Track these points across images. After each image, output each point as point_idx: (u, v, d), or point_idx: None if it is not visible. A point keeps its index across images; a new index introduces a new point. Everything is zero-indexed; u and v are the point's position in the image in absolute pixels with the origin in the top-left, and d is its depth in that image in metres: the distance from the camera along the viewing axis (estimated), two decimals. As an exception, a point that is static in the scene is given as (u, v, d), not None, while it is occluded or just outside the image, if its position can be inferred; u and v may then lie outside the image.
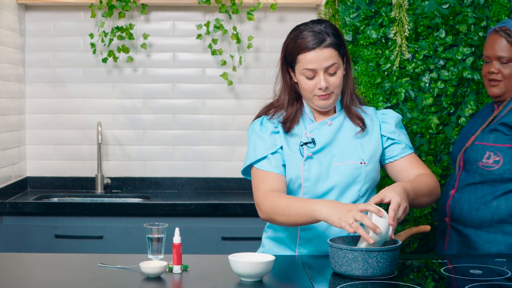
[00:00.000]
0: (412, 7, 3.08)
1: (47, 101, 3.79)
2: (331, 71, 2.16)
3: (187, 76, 3.80)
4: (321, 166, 2.20)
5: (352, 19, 3.09)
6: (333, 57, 2.15)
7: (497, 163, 2.51)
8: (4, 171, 3.46)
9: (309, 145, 2.21)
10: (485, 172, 2.52)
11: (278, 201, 2.11)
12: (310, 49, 2.14)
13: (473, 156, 2.55)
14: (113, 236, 3.30)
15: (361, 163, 2.20)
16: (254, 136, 2.26)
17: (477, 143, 2.56)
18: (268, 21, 3.76)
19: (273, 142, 2.23)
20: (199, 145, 3.80)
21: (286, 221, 2.11)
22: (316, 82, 2.16)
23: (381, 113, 2.30)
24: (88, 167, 3.80)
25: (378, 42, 3.10)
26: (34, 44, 3.78)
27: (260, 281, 1.91)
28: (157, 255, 2.06)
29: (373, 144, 2.24)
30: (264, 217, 2.17)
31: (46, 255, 2.40)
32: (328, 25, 2.18)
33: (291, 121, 2.24)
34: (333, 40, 2.15)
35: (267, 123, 2.26)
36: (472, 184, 2.55)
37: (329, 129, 2.24)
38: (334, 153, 2.21)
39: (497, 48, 2.55)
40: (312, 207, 2.03)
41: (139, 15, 3.75)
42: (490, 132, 2.55)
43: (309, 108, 2.27)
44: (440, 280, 1.95)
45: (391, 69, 3.10)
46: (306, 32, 2.16)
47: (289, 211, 2.08)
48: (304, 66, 2.16)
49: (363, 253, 1.90)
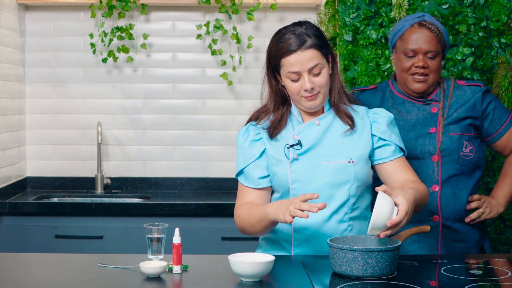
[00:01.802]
0: (412, 7, 3.08)
1: (47, 101, 3.79)
2: (315, 71, 2.17)
3: (187, 76, 3.80)
4: (308, 167, 2.20)
5: (352, 19, 3.09)
6: (316, 57, 2.16)
7: (471, 151, 2.53)
8: (4, 171, 3.46)
9: (295, 147, 2.22)
10: (465, 162, 2.53)
11: (245, 215, 2.22)
12: (292, 52, 2.15)
13: (453, 147, 2.52)
14: (113, 236, 3.30)
15: (349, 162, 2.20)
16: (237, 146, 2.33)
17: (452, 134, 2.53)
18: (268, 21, 3.76)
19: (251, 151, 2.27)
20: (199, 145, 3.80)
21: (254, 231, 2.21)
22: (301, 84, 2.18)
23: (373, 113, 2.29)
24: (88, 167, 3.80)
25: (378, 42, 3.10)
26: (34, 44, 3.78)
27: (260, 281, 1.91)
28: (157, 255, 2.07)
29: (362, 143, 2.24)
30: (239, 228, 2.28)
31: (46, 255, 2.40)
32: (309, 26, 2.20)
33: (276, 126, 2.25)
34: (314, 41, 2.16)
35: (250, 131, 2.29)
36: (453, 176, 2.54)
37: (317, 129, 2.24)
38: (322, 153, 2.22)
39: (425, 41, 2.49)
40: (264, 211, 2.12)
41: (139, 15, 3.76)
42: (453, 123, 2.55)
43: (297, 110, 2.28)
44: (440, 280, 1.95)
45: (391, 69, 3.10)
46: (287, 35, 2.17)
47: (252, 222, 2.18)
48: (288, 69, 2.17)
49: (363, 253, 1.90)
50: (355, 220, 2.23)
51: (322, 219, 2.20)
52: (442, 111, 2.55)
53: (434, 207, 2.53)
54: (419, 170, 2.50)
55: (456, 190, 2.54)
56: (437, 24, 2.53)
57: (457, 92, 2.59)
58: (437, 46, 2.50)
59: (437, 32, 2.50)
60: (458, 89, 2.59)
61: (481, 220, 2.59)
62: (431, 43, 2.49)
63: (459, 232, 2.56)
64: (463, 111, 2.56)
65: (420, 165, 2.53)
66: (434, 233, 2.53)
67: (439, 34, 2.50)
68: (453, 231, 2.55)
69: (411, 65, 2.51)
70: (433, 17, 2.56)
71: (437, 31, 2.50)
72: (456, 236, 2.56)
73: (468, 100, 2.57)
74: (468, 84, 2.60)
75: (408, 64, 2.52)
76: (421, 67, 2.49)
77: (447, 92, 2.58)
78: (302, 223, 2.20)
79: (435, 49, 2.50)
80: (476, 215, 2.56)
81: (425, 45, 2.49)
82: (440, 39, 2.50)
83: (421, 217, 2.50)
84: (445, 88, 2.59)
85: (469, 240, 2.57)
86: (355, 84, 3.09)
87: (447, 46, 2.55)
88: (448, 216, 2.54)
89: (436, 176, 2.53)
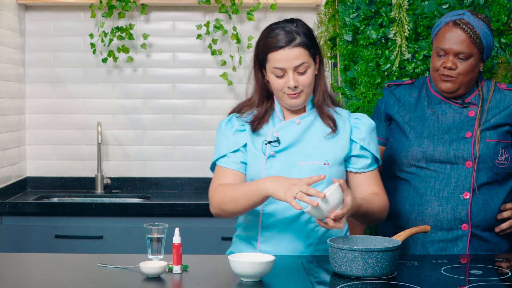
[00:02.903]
0: (412, 7, 3.08)
1: (47, 101, 3.79)
2: (300, 70, 2.17)
3: (187, 76, 3.80)
4: (283, 165, 2.21)
5: (352, 19, 3.09)
6: (303, 56, 2.16)
7: (507, 160, 2.44)
8: (4, 171, 3.46)
9: (273, 144, 2.22)
10: (500, 170, 2.43)
11: (226, 190, 2.16)
12: (279, 48, 2.16)
13: (489, 154, 2.42)
14: (113, 236, 3.30)
15: (325, 164, 2.20)
16: (220, 134, 2.29)
17: (489, 140, 2.43)
18: (268, 21, 3.76)
19: (236, 140, 2.25)
20: (199, 145, 3.80)
21: (235, 207, 2.14)
22: (285, 81, 2.18)
23: (355, 117, 2.29)
24: (88, 167, 3.80)
25: (378, 42, 3.10)
26: (34, 44, 3.78)
27: (260, 281, 1.91)
28: (157, 255, 2.07)
29: (340, 146, 2.24)
30: (214, 210, 2.22)
31: (46, 255, 2.40)
32: (300, 25, 2.20)
33: (259, 121, 2.26)
34: (303, 40, 2.17)
35: (234, 121, 2.28)
36: (486, 184, 2.43)
37: (297, 127, 2.24)
38: (299, 153, 2.22)
39: (457, 42, 2.39)
40: (258, 185, 2.08)
41: (139, 15, 3.76)
42: (490, 129, 2.47)
43: (280, 107, 2.28)
44: (440, 280, 1.95)
45: (391, 69, 3.10)
46: (277, 31, 2.18)
47: (236, 196, 2.13)
48: (274, 65, 2.18)
49: (363, 253, 1.90)
50: None
51: (290, 219, 2.21)
52: (480, 115, 2.44)
53: (465, 215, 2.40)
54: (450, 175, 2.41)
55: (488, 198, 2.42)
56: (475, 24, 2.40)
57: (497, 96, 2.48)
58: (470, 48, 2.38)
59: (471, 33, 2.38)
60: (499, 93, 2.49)
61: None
62: (463, 44, 2.38)
63: (488, 241, 2.44)
64: (502, 117, 2.45)
65: (452, 170, 2.42)
66: (463, 242, 2.41)
67: (473, 35, 2.38)
68: (482, 240, 2.43)
69: (441, 65, 2.42)
70: (476, 16, 2.43)
71: (471, 32, 2.38)
72: (485, 246, 2.44)
73: (509, 106, 2.46)
74: (509, 89, 2.50)
75: (438, 63, 2.43)
76: (449, 68, 2.40)
77: (486, 96, 2.48)
78: (271, 221, 2.20)
79: (467, 51, 2.38)
80: (508, 225, 2.44)
81: (456, 46, 2.38)
82: (475, 40, 2.38)
83: (450, 225, 2.40)
84: (484, 92, 2.49)
85: (498, 250, 2.46)
86: (355, 84, 3.09)
87: (486, 48, 2.42)
88: (478, 224, 2.41)
89: (468, 183, 2.41)
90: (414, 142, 2.46)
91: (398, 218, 2.47)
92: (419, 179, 2.45)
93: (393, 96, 2.58)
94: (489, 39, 2.43)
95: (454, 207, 2.39)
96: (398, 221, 2.47)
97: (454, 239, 2.40)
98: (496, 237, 2.46)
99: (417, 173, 2.45)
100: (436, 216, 2.40)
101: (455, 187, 2.40)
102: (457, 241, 2.41)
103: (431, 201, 2.41)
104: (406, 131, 2.49)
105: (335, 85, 3.10)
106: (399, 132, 2.52)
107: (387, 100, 2.59)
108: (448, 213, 2.39)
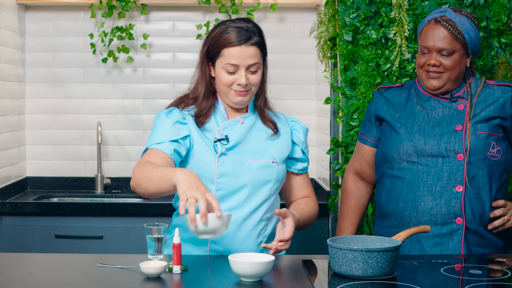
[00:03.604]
0: (412, 7, 3.08)
1: (47, 101, 3.79)
2: (252, 69, 2.21)
3: (187, 76, 3.76)
4: (234, 163, 2.23)
5: (352, 19, 3.09)
6: (257, 56, 2.21)
7: (499, 152, 2.45)
8: (4, 171, 3.46)
9: (222, 142, 2.24)
10: (492, 163, 2.43)
11: (148, 166, 2.08)
12: (236, 44, 2.19)
13: (480, 146, 2.42)
14: (113, 236, 3.30)
15: (273, 162, 2.27)
16: (159, 122, 2.23)
17: (480, 132, 2.43)
18: (268, 21, 3.76)
19: (175, 131, 2.20)
20: (199, 145, 3.80)
21: (148, 186, 2.06)
22: (235, 78, 2.21)
23: (291, 120, 2.40)
24: (88, 167, 3.80)
25: (378, 42, 3.10)
26: (34, 44, 3.78)
27: (260, 281, 1.91)
28: (157, 255, 2.07)
29: (284, 145, 2.33)
30: (132, 183, 2.13)
31: (46, 255, 2.40)
32: (254, 25, 2.25)
33: (204, 115, 2.26)
34: (258, 40, 2.22)
35: (176, 113, 2.24)
36: (478, 177, 2.42)
37: (241, 127, 2.28)
38: (247, 151, 2.25)
39: (438, 39, 2.43)
40: (174, 171, 1.98)
41: (139, 15, 3.76)
42: (481, 122, 2.47)
43: (223, 105, 2.30)
44: (440, 280, 1.95)
45: (391, 69, 3.10)
46: (235, 28, 2.21)
47: (152, 175, 2.04)
48: (228, 60, 2.20)
49: (363, 253, 1.90)
50: (270, 220, 2.28)
51: (242, 218, 2.22)
52: (469, 108, 2.46)
53: (458, 208, 2.38)
54: (442, 169, 2.41)
55: (480, 192, 2.41)
56: (457, 20, 2.44)
57: (486, 91, 2.51)
58: (452, 44, 2.42)
59: (452, 30, 2.42)
60: (488, 88, 2.51)
61: (505, 228, 2.47)
62: (444, 41, 2.42)
63: (483, 236, 2.43)
64: (492, 110, 2.47)
65: (444, 163, 2.41)
66: (458, 236, 2.39)
67: (455, 32, 2.42)
68: (476, 235, 2.42)
69: (425, 62, 2.46)
70: (459, 12, 2.47)
71: (452, 29, 2.42)
72: (480, 241, 2.42)
73: (498, 99, 2.48)
74: (498, 84, 2.52)
75: (422, 60, 2.47)
76: (432, 65, 2.44)
77: (474, 91, 2.50)
78: None
79: (450, 47, 2.42)
80: (500, 222, 2.42)
81: (438, 43, 2.43)
82: (457, 36, 2.42)
83: (444, 219, 2.38)
84: (473, 87, 2.51)
85: (493, 246, 2.45)
86: (355, 84, 3.08)
87: (470, 43, 2.45)
88: (471, 218, 2.40)
89: (461, 176, 2.40)
90: (405, 137, 2.47)
91: (393, 216, 2.47)
92: (411, 175, 2.45)
93: (383, 98, 2.60)
94: (472, 34, 2.45)
95: (447, 201, 2.39)
96: (393, 219, 2.47)
97: (449, 233, 2.40)
98: (490, 233, 2.45)
99: (409, 169, 2.46)
100: (430, 211, 2.40)
101: (447, 180, 2.39)
102: (452, 235, 2.40)
103: (424, 196, 2.41)
104: (397, 128, 2.50)
105: (335, 85, 3.10)
106: (390, 130, 2.54)
107: (376, 102, 2.61)
108: (442, 207, 2.39)
